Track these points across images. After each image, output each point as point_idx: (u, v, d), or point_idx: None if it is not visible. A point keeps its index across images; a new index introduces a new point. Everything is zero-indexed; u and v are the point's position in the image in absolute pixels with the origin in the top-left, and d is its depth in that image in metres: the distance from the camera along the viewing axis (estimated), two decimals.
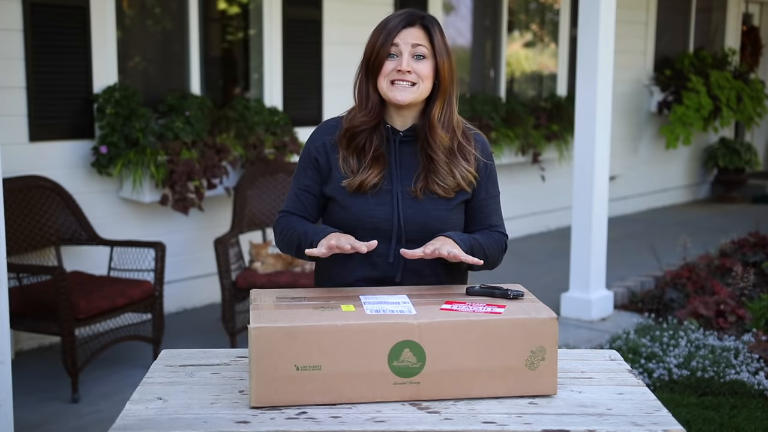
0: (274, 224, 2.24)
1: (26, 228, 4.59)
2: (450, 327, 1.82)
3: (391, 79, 2.09)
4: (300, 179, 2.22)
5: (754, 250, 6.24)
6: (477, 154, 2.18)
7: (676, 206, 9.96)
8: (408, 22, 2.09)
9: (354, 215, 2.13)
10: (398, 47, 2.08)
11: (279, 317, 1.83)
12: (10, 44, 4.71)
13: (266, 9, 5.98)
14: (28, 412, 3.96)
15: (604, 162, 5.32)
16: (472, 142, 2.19)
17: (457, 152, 2.14)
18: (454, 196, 2.16)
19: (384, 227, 2.12)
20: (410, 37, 2.08)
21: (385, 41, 2.08)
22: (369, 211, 2.12)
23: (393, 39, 2.08)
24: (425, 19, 2.11)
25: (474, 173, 2.16)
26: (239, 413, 1.78)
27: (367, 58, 2.12)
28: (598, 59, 5.16)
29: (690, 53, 9.71)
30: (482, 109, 7.16)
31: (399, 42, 2.08)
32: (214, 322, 5.26)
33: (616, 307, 5.65)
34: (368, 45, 2.13)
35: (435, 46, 2.09)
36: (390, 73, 2.09)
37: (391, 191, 2.13)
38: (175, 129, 5.10)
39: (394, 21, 2.10)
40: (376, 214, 2.12)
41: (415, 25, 2.09)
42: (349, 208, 2.13)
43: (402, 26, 2.08)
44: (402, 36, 2.07)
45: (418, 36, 2.08)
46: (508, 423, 1.74)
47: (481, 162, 2.20)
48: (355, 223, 2.12)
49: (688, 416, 3.80)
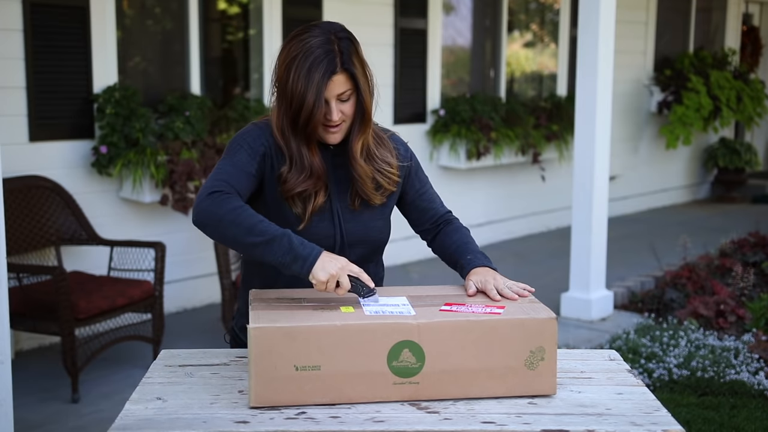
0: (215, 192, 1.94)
1: (26, 228, 4.59)
2: (449, 327, 1.82)
3: (322, 124, 2.03)
4: (241, 162, 2.03)
5: (754, 250, 6.25)
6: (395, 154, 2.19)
7: (676, 206, 9.96)
8: (332, 72, 1.98)
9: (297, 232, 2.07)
10: (325, 99, 2.00)
11: (278, 317, 1.83)
12: (10, 44, 4.71)
13: (266, 9, 5.99)
14: (28, 412, 3.96)
15: (604, 162, 5.32)
16: (387, 144, 2.18)
17: (376, 157, 2.13)
18: (387, 201, 2.17)
19: (326, 243, 2.09)
20: (336, 87, 1.99)
21: (316, 101, 1.97)
22: (312, 229, 2.08)
23: (323, 96, 1.98)
24: (345, 59, 1.99)
25: (396, 172, 2.16)
26: (239, 413, 1.78)
27: (295, 113, 2.00)
28: (598, 59, 5.16)
29: (690, 53, 9.71)
30: (482, 109, 7.16)
31: (326, 96, 2.00)
32: (214, 322, 5.26)
33: (616, 307, 5.65)
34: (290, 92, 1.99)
35: (359, 86, 2.02)
36: (319, 121, 2.02)
37: (330, 208, 2.11)
38: (175, 129, 5.10)
39: (317, 72, 1.96)
40: (319, 231, 2.09)
41: (338, 71, 1.98)
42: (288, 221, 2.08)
43: (327, 78, 1.97)
44: (329, 89, 1.99)
45: (342, 83, 2.00)
46: (507, 423, 1.75)
47: (402, 159, 2.20)
48: None
49: (688, 416, 3.80)
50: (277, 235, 1.91)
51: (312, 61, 1.97)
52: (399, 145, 2.23)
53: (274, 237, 1.90)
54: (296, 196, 2.07)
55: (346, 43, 2.02)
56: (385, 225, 2.19)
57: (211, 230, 1.95)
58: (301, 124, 2.01)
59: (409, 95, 7.00)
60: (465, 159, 7.08)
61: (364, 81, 2.05)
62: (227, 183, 1.97)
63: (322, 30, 2.03)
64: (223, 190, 1.95)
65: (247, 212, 1.93)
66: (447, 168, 7.28)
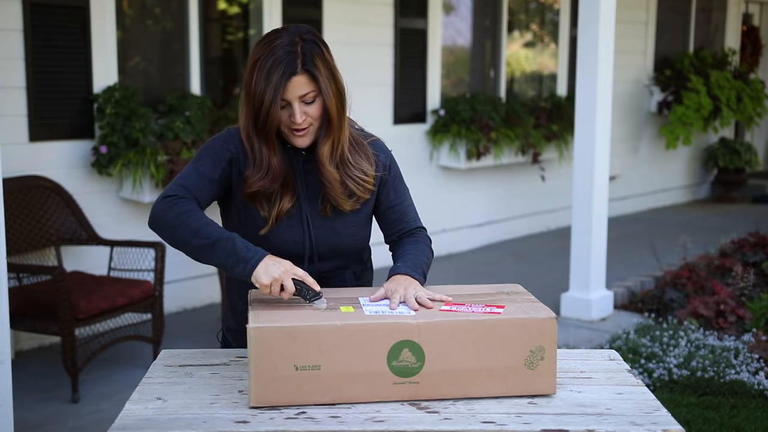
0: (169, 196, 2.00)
1: (26, 228, 4.59)
2: (449, 327, 1.82)
3: (288, 127, 2.03)
4: (206, 167, 2.06)
5: (754, 250, 6.24)
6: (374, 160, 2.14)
7: (676, 206, 9.96)
8: (291, 72, 1.97)
9: (266, 238, 2.09)
10: (286, 100, 2.00)
11: (278, 317, 1.83)
12: (10, 44, 4.71)
13: (266, 9, 5.99)
14: (28, 412, 3.96)
15: (604, 162, 5.32)
16: (365, 150, 2.14)
17: (349, 162, 2.09)
18: (360, 208, 2.13)
19: (296, 250, 2.09)
20: (297, 89, 1.98)
21: (273, 100, 1.97)
22: (280, 235, 2.08)
23: (281, 96, 1.98)
24: (306, 60, 1.99)
25: (371, 180, 2.12)
26: (239, 413, 1.78)
27: (255, 113, 2.00)
28: (598, 59, 5.16)
29: (690, 53, 9.71)
30: (482, 109, 7.16)
31: (287, 97, 1.99)
32: (214, 322, 5.26)
33: (616, 307, 5.65)
34: (252, 92, 2.00)
35: (321, 89, 2.00)
36: (286, 122, 2.02)
37: (300, 214, 2.10)
38: (175, 129, 5.10)
39: (277, 73, 1.96)
40: (288, 237, 2.09)
41: (298, 72, 1.97)
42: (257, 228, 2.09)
43: (286, 79, 1.96)
44: (289, 90, 1.98)
45: (304, 85, 1.99)
46: (507, 423, 1.75)
47: (380, 166, 2.15)
48: (266, 245, 2.06)
49: (688, 416, 3.80)
50: (221, 238, 1.93)
51: (272, 62, 1.97)
52: (380, 152, 2.18)
53: (218, 239, 1.93)
54: (262, 198, 2.06)
55: (310, 45, 2.01)
56: (358, 232, 2.16)
57: (163, 233, 2.01)
58: (260, 124, 2.00)
59: (409, 95, 7.00)
60: (465, 159, 7.08)
61: (329, 84, 2.02)
62: (184, 188, 2.02)
63: (289, 33, 2.02)
64: (177, 194, 2.00)
65: (196, 216, 1.97)
66: (447, 168, 7.28)
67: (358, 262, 2.23)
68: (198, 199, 2.03)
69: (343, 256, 2.16)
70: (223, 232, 1.95)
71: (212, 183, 2.06)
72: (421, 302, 1.93)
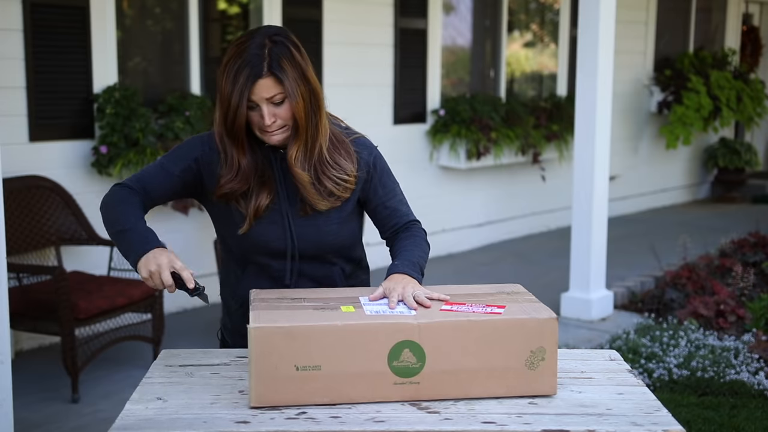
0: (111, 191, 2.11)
1: (26, 228, 4.59)
2: (450, 327, 1.82)
3: (259, 128, 2.04)
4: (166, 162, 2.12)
5: (754, 250, 6.24)
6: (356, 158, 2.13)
7: (676, 206, 9.96)
8: (257, 75, 1.98)
9: (247, 236, 2.10)
10: (254, 101, 2.01)
11: (279, 317, 1.83)
12: (10, 44, 4.71)
13: (266, 9, 5.99)
14: (28, 412, 3.96)
15: (604, 162, 5.32)
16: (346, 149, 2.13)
17: (327, 162, 2.08)
18: (342, 205, 2.12)
19: (278, 247, 2.10)
20: (263, 91, 1.99)
21: (239, 102, 1.98)
22: (261, 234, 2.10)
23: (247, 97, 1.99)
24: (273, 63, 1.98)
25: (350, 179, 2.10)
26: (239, 413, 1.78)
27: (224, 115, 2.02)
28: (598, 59, 5.16)
29: (690, 53, 9.71)
30: (482, 109, 7.16)
31: (254, 99, 2.00)
32: (214, 322, 5.24)
33: (616, 307, 5.65)
34: (222, 95, 2.02)
35: (288, 91, 1.99)
36: (257, 123, 2.03)
37: (280, 210, 2.10)
38: (175, 129, 5.10)
39: (242, 75, 1.97)
40: (269, 234, 2.10)
41: (264, 75, 1.98)
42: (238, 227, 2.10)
43: (252, 82, 1.97)
44: (255, 92, 1.98)
45: (269, 87, 1.99)
46: (507, 423, 1.75)
47: (363, 164, 2.14)
48: (247, 243, 2.09)
49: (688, 416, 3.80)
50: (126, 229, 2.02)
51: (240, 64, 1.99)
52: (362, 149, 2.16)
53: (124, 230, 2.03)
54: (239, 198, 2.08)
55: (279, 47, 2.01)
56: (340, 229, 2.14)
57: (103, 219, 2.11)
58: (228, 125, 2.02)
59: (409, 95, 7.00)
60: (465, 159, 7.08)
61: (295, 86, 2.00)
62: (137, 180, 2.12)
63: (260, 34, 2.03)
64: (126, 184, 2.11)
65: (123, 205, 2.06)
66: (447, 168, 7.28)
67: (347, 260, 2.22)
68: (148, 191, 2.10)
69: (327, 253, 2.16)
70: (130, 224, 2.02)
71: (171, 177, 2.10)
72: (420, 301, 1.93)
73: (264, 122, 2.01)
